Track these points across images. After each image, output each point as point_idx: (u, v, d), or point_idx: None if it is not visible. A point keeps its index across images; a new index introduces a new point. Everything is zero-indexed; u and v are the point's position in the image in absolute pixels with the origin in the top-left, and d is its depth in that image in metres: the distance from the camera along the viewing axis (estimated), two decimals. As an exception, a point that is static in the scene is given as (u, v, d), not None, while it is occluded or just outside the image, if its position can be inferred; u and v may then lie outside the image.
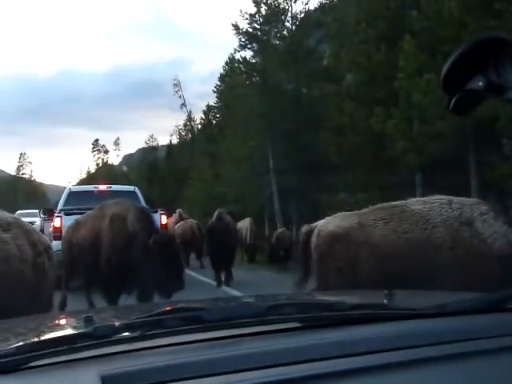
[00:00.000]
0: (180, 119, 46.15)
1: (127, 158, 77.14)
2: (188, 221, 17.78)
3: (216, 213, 12.89)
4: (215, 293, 10.65)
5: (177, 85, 43.41)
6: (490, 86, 1.07)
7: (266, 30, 23.07)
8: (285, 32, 23.15)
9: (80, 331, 1.29)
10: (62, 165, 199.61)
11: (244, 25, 22.93)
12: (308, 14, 23.01)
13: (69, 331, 1.50)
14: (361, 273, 4.77)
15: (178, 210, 19.58)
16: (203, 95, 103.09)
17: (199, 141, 36.97)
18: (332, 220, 5.24)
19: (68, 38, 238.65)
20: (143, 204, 11.16)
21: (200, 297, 6.35)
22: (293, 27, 22.88)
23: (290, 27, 22.98)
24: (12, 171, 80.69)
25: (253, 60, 24.19)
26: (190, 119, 43.56)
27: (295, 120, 20.60)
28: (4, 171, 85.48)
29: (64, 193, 13.02)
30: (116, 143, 72.03)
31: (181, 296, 6.79)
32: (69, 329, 1.61)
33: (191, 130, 43.49)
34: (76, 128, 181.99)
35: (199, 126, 41.31)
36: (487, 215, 4.65)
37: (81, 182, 54.93)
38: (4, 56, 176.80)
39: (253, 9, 22.77)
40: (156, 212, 10.49)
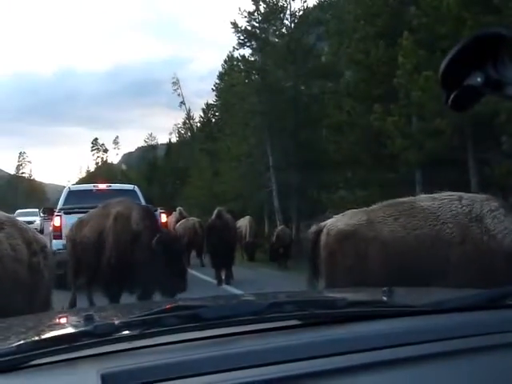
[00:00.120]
0: (179, 117, 46.21)
1: (126, 157, 77.13)
2: (190, 219, 17.65)
3: (216, 211, 12.89)
4: (215, 291, 10.65)
5: (176, 83, 43.37)
6: (489, 82, 1.07)
7: (265, 28, 23.04)
8: (283, 30, 23.11)
9: (80, 329, 1.29)
10: (62, 164, 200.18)
11: (243, 23, 22.95)
12: (307, 12, 22.96)
13: (69, 329, 1.49)
14: (370, 270, 4.73)
15: (179, 208, 19.55)
16: (202, 93, 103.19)
17: (198, 139, 36.91)
18: (341, 218, 5.19)
19: (67, 37, 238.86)
20: (143, 202, 11.17)
21: (200, 295, 6.35)
22: (291, 25, 22.84)
23: (289, 25, 22.95)
24: (11, 170, 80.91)
25: (252, 58, 24.17)
26: (190, 117, 43.50)
27: (294, 118, 20.59)
28: (3, 170, 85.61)
29: (63, 192, 13.00)
30: (115, 142, 72.26)
31: (181, 294, 6.78)
32: (69, 327, 1.60)
33: (190, 129, 43.39)
34: (75, 127, 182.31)
35: (198, 125, 41.22)
36: (497, 211, 4.57)
37: (80, 181, 54.84)
38: (3, 55, 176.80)
39: (251, 7, 22.79)
40: (156, 210, 10.48)
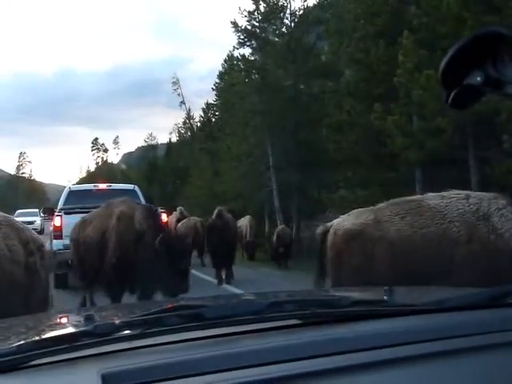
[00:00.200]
0: (179, 117, 46.13)
1: (127, 157, 77.17)
2: (191, 218, 17.59)
3: (216, 211, 12.90)
4: (216, 291, 10.65)
5: (176, 83, 43.36)
6: (488, 81, 1.07)
7: (265, 28, 23.02)
8: (284, 29, 23.09)
9: (80, 329, 1.29)
10: (62, 164, 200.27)
11: (243, 22, 22.92)
12: (307, 11, 22.94)
13: (69, 329, 1.49)
14: (377, 269, 4.71)
15: (179, 208, 19.54)
16: (202, 93, 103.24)
17: (199, 139, 36.90)
18: (347, 218, 5.16)
19: (67, 37, 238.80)
20: (143, 202, 11.16)
21: (201, 295, 6.35)
22: (291, 24, 22.82)
23: (289, 24, 22.92)
24: (12, 170, 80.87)
25: (252, 57, 24.15)
26: (190, 117, 43.49)
27: (294, 117, 20.56)
28: (3, 170, 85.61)
29: (64, 192, 12.98)
30: (115, 142, 72.24)
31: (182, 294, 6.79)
32: (69, 327, 1.60)
33: (190, 128, 43.38)
34: (75, 127, 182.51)
35: (198, 124, 41.21)
36: (505, 210, 4.52)
37: (80, 181, 54.87)
38: (4, 54, 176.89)
39: (251, 6, 22.76)
40: (156, 210, 10.48)
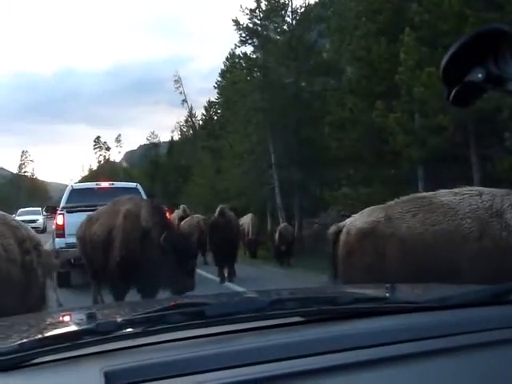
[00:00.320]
0: (181, 115, 46.08)
1: (129, 155, 77.26)
2: (194, 216, 17.49)
3: (218, 208, 12.90)
4: (218, 289, 10.65)
5: (177, 81, 43.37)
6: (490, 78, 1.07)
7: (267, 25, 23.02)
8: (285, 27, 23.08)
9: (83, 327, 1.29)
10: (64, 162, 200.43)
11: (244, 20, 22.96)
12: (308, 9, 22.93)
13: (72, 327, 1.50)
14: (388, 267, 4.66)
15: (182, 206, 19.51)
16: (204, 91, 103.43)
17: (201, 137, 36.92)
18: (359, 216, 5.11)
19: (69, 36, 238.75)
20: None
21: (203, 293, 6.35)
22: (293, 22, 22.80)
23: (291, 22, 22.91)
24: (14, 169, 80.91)
25: (253, 55, 24.15)
26: (192, 115, 43.53)
27: (296, 115, 20.56)
28: (6, 169, 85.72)
29: (66, 190, 12.98)
30: (117, 140, 72.26)
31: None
32: (72, 325, 1.61)
33: (192, 126, 43.42)
34: (77, 125, 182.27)
35: (200, 122, 41.27)
36: None
37: (83, 179, 54.95)
38: (5, 54, 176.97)
39: (253, 4, 22.79)
40: (162, 206, 10.48)
